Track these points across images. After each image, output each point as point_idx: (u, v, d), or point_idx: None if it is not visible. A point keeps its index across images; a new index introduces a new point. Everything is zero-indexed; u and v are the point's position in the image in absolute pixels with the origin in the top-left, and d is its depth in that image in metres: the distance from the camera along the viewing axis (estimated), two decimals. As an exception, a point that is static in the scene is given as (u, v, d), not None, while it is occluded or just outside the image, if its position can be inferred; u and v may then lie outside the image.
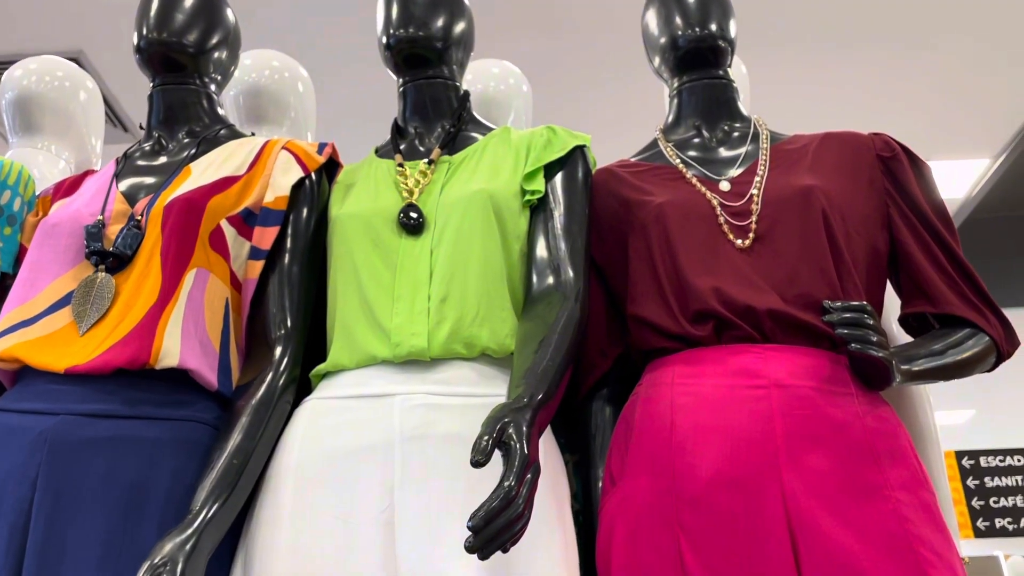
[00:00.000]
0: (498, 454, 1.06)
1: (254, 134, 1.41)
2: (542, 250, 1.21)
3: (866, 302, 1.08)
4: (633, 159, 1.38)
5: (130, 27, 3.41)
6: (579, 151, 1.30)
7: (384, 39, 1.33)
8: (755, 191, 1.22)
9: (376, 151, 1.38)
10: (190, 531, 0.95)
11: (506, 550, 0.86)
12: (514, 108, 1.83)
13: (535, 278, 1.20)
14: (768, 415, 1.05)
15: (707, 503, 1.02)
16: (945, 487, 1.37)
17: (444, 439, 1.06)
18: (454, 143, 1.32)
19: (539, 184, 1.24)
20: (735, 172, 1.27)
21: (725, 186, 1.24)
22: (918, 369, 1.11)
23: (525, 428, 0.90)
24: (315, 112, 1.82)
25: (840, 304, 1.07)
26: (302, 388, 1.20)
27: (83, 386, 1.08)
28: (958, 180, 4.84)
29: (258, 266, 1.22)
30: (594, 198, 1.31)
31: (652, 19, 1.39)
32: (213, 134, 1.34)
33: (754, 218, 1.19)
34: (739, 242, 1.18)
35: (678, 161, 1.30)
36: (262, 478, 1.10)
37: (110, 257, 1.16)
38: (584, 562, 1.13)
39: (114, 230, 1.19)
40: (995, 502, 8.27)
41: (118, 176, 1.29)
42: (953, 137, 4.44)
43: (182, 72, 1.35)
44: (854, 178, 1.24)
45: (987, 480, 8.34)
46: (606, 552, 1.07)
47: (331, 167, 1.36)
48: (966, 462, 8.38)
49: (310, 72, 1.85)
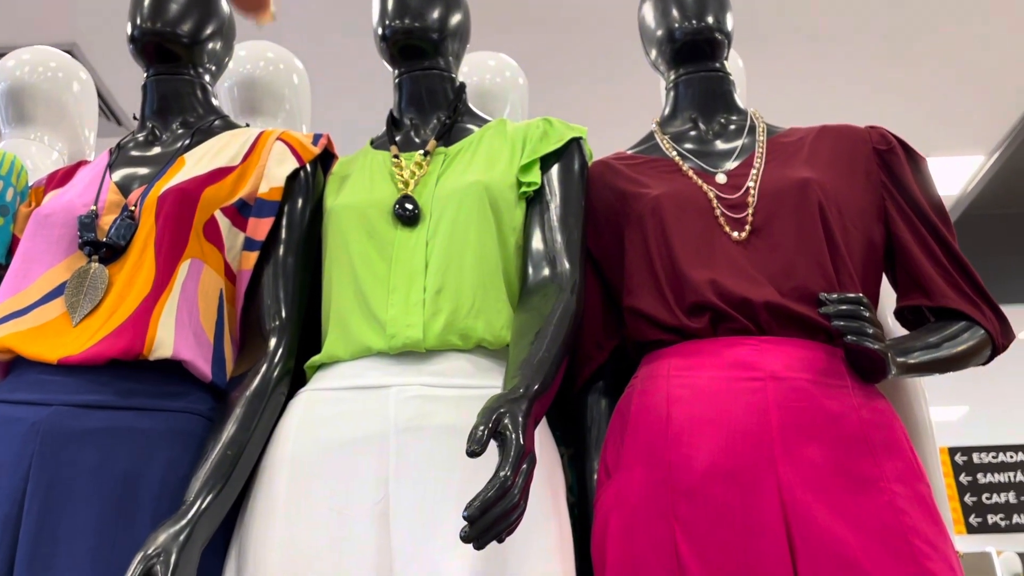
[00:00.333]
0: (494, 444, 1.06)
1: (248, 125, 1.40)
2: (538, 242, 1.21)
3: (862, 294, 1.08)
4: (629, 151, 1.37)
5: (124, 21, 3.40)
6: (575, 143, 1.29)
7: (380, 30, 1.33)
8: (751, 184, 1.22)
9: (371, 142, 1.37)
10: (184, 522, 0.95)
11: (501, 540, 0.85)
12: (510, 101, 1.83)
13: (531, 270, 1.19)
14: (764, 407, 1.05)
15: (702, 495, 1.02)
16: (940, 481, 1.37)
17: (439, 430, 1.06)
18: (450, 135, 1.32)
19: (535, 176, 1.24)
20: (731, 165, 1.26)
21: (721, 178, 1.24)
22: (914, 362, 1.11)
23: (521, 418, 0.90)
24: (310, 104, 1.81)
25: (836, 296, 1.07)
26: (297, 380, 1.19)
27: (76, 377, 1.08)
28: (953, 177, 4.85)
29: (252, 257, 1.22)
30: (590, 190, 1.31)
31: (649, 12, 1.39)
32: (207, 125, 1.34)
33: (750, 211, 1.19)
34: (735, 234, 1.18)
35: (674, 153, 1.30)
36: (256, 470, 1.10)
37: (103, 247, 1.15)
38: (579, 554, 1.13)
39: (107, 220, 1.19)
40: (987, 498, 8.31)
41: (112, 166, 1.28)
42: (948, 133, 4.44)
43: (176, 62, 1.34)
44: (850, 171, 1.24)
45: (980, 476, 8.38)
46: (601, 544, 1.07)
47: (326, 158, 1.35)
48: (959, 458, 8.41)
49: (304, 63, 1.84)
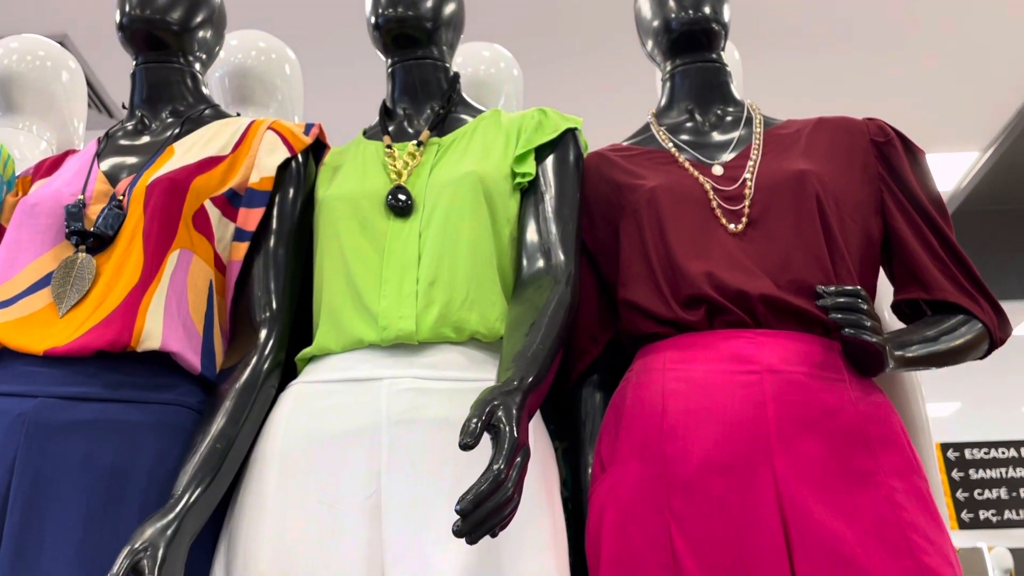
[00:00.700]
0: (487, 437, 1.05)
1: (239, 115, 1.38)
2: (532, 233, 1.19)
3: (859, 287, 1.07)
4: (625, 143, 1.36)
5: (114, 12, 3.37)
6: (570, 134, 1.28)
7: (373, 19, 1.31)
8: (748, 175, 1.20)
9: (364, 132, 1.35)
10: (172, 516, 0.93)
11: (495, 534, 0.84)
12: (504, 92, 1.81)
13: (525, 262, 1.18)
14: (760, 400, 1.04)
15: (698, 489, 1.01)
16: (936, 476, 1.36)
17: (432, 423, 1.04)
18: (443, 125, 1.30)
19: (530, 167, 1.23)
20: (728, 156, 1.25)
21: (718, 170, 1.23)
22: (911, 355, 1.10)
23: (515, 411, 0.89)
24: (302, 94, 1.79)
25: (834, 289, 1.06)
26: (287, 372, 1.18)
27: (63, 368, 1.06)
28: (948, 172, 4.85)
29: (243, 248, 1.20)
30: (585, 182, 1.29)
31: (645, 2, 1.38)
32: (197, 114, 1.32)
33: (747, 202, 1.18)
34: (732, 227, 1.16)
35: (671, 145, 1.29)
36: (246, 463, 1.08)
37: (91, 237, 1.14)
38: (573, 549, 1.12)
39: (95, 210, 1.17)
40: (979, 494, 8.34)
41: (100, 156, 1.26)
42: (943, 129, 4.44)
43: (166, 50, 1.32)
44: (848, 163, 1.23)
45: (971, 472, 8.41)
46: (596, 538, 1.06)
47: (318, 148, 1.34)
48: (951, 454, 8.44)
49: (297, 54, 1.82)
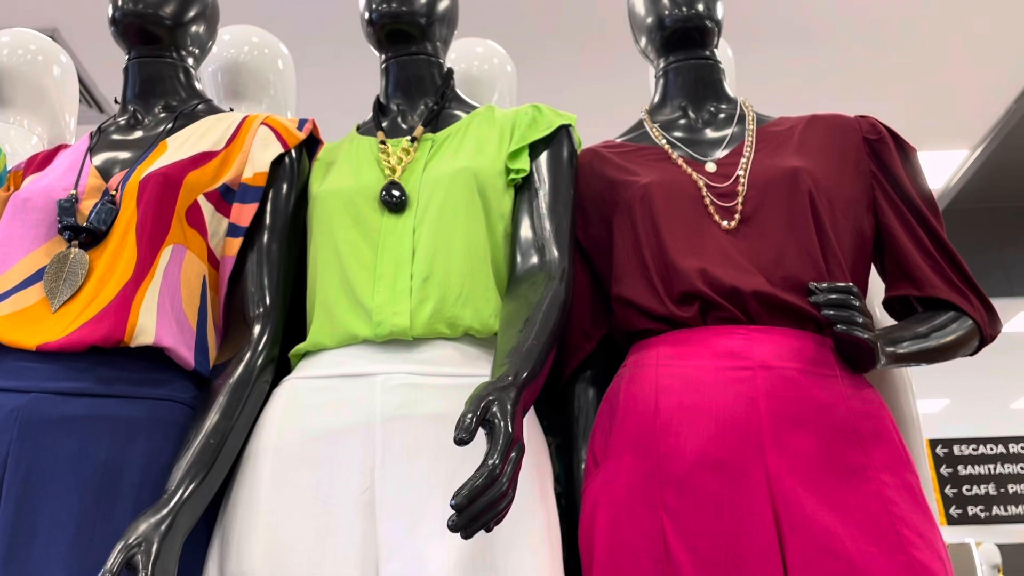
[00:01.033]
0: (481, 432, 1.05)
1: (232, 110, 1.37)
2: (526, 230, 1.20)
3: (851, 284, 1.07)
4: (619, 140, 1.36)
5: (106, 6, 3.35)
6: (564, 130, 1.28)
7: (367, 14, 1.31)
8: (741, 172, 1.21)
9: (358, 128, 1.35)
10: (165, 511, 0.93)
11: (489, 529, 0.84)
12: (498, 88, 1.81)
13: (519, 258, 1.18)
14: (753, 396, 1.04)
15: (691, 485, 1.01)
16: (926, 472, 1.37)
17: (426, 419, 1.04)
18: (437, 121, 1.30)
19: (524, 163, 1.23)
20: (721, 153, 1.26)
21: (711, 167, 1.23)
22: (903, 352, 1.11)
23: (509, 406, 0.89)
24: (295, 90, 1.79)
25: (826, 285, 1.06)
26: (281, 368, 1.18)
27: (55, 364, 1.06)
28: (937, 171, 4.88)
29: (236, 243, 1.20)
30: (579, 179, 1.29)
31: (639, -1, 1.38)
32: (190, 109, 1.31)
33: (740, 199, 1.18)
34: (725, 223, 1.17)
35: (664, 142, 1.29)
36: (240, 458, 1.08)
37: (83, 232, 1.13)
38: (566, 544, 1.12)
39: (88, 205, 1.16)
40: (967, 490, 8.39)
41: (92, 150, 1.26)
42: (932, 128, 4.46)
43: (158, 45, 1.32)
44: (840, 160, 1.23)
45: (960, 468, 8.46)
46: (589, 534, 1.06)
47: (311, 144, 1.33)
48: (940, 450, 8.49)
49: (290, 49, 1.82)
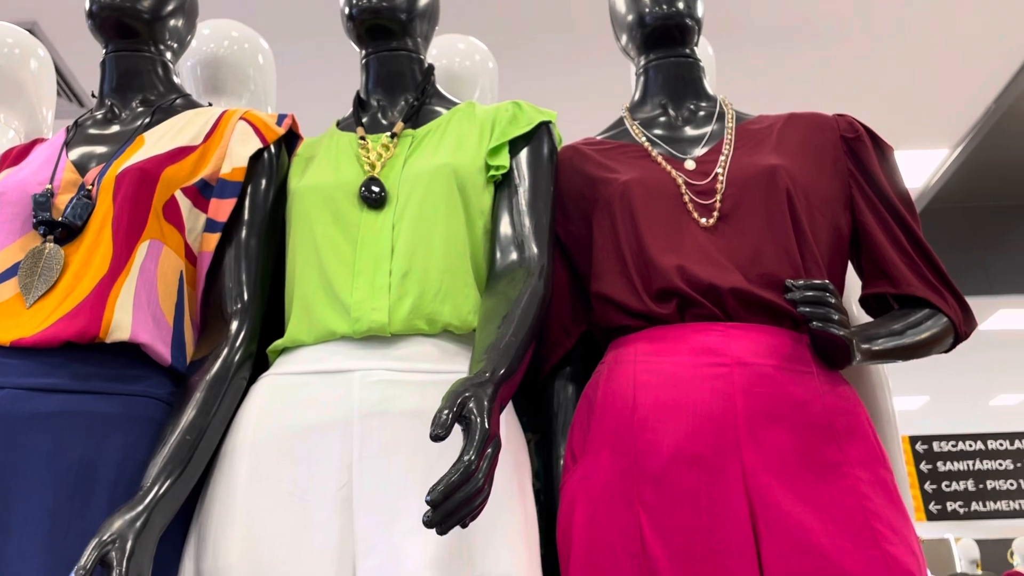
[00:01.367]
0: (458, 428, 1.05)
1: (211, 104, 1.37)
2: (506, 226, 1.20)
3: (828, 281, 1.08)
4: (599, 137, 1.36)
5: (86, -2, 3.31)
6: (545, 127, 1.28)
7: (347, 9, 1.30)
8: (720, 170, 1.21)
9: (338, 124, 1.35)
10: (141, 508, 0.93)
11: (465, 525, 0.84)
12: (480, 85, 1.81)
13: (499, 254, 1.18)
14: (729, 393, 1.05)
15: (668, 481, 1.02)
16: (902, 468, 1.38)
17: (404, 415, 1.04)
18: (417, 117, 1.30)
19: (504, 159, 1.23)
20: (700, 151, 1.26)
21: (690, 165, 1.24)
22: (878, 348, 1.11)
23: (486, 402, 0.89)
24: (275, 85, 1.78)
25: (803, 283, 1.07)
26: (259, 364, 1.17)
27: (30, 360, 1.05)
28: (917, 170, 4.92)
29: (214, 239, 1.19)
30: (559, 176, 1.30)
31: (619, -3, 1.38)
32: (168, 103, 1.30)
33: (719, 197, 1.19)
34: (703, 221, 1.17)
35: (644, 139, 1.29)
36: (216, 455, 1.08)
37: (59, 227, 1.12)
38: (545, 540, 1.12)
39: (63, 200, 1.15)
40: (947, 486, 8.48)
41: (68, 144, 1.25)
42: (913, 127, 4.50)
43: (136, 39, 1.31)
44: (818, 159, 1.24)
45: (939, 465, 8.54)
46: (567, 530, 1.07)
47: (291, 139, 1.33)
48: (919, 447, 8.57)
49: (270, 44, 1.81)
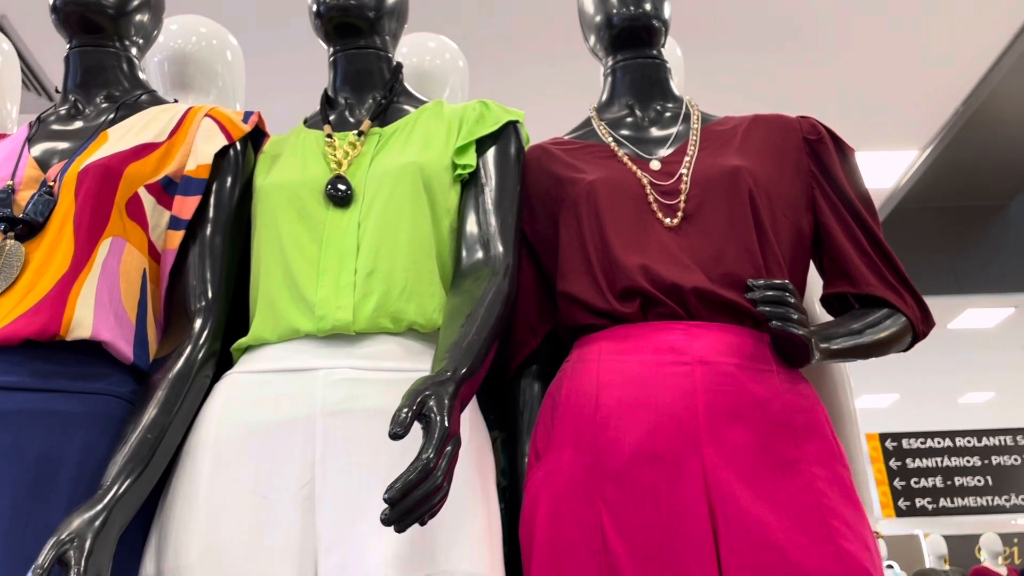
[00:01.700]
0: (418, 427, 1.05)
1: (177, 101, 1.36)
2: (472, 225, 1.20)
3: (788, 281, 1.10)
4: (566, 136, 1.37)
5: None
6: (512, 127, 1.29)
7: (315, 7, 1.30)
8: (684, 171, 1.23)
9: (305, 121, 1.35)
10: (100, 507, 0.92)
11: (424, 523, 0.85)
12: (450, 84, 1.81)
13: (464, 253, 1.19)
14: (691, 391, 1.06)
15: (629, 478, 1.03)
16: (862, 466, 1.40)
17: (367, 414, 1.04)
18: (385, 115, 1.30)
19: (470, 158, 1.23)
20: (666, 152, 1.27)
21: (656, 165, 1.25)
22: (836, 347, 1.13)
23: (447, 401, 0.89)
24: (244, 82, 1.77)
25: (763, 282, 1.09)
26: (223, 362, 1.17)
27: None
28: (887, 171, 4.98)
29: (178, 236, 1.18)
30: (526, 175, 1.30)
31: (588, -3, 1.39)
32: (133, 99, 1.30)
33: (683, 197, 1.20)
34: (668, 221, 1.19)
35: (610, 139, 1.30)
36: (178, 453, 1.07)
37: (20, 224, 1.11)
38: (511, 537, 1.13)
39: (25, 196, 1.14)
40: (916, 483, 8.60)
41: (31, 140, 1.24)
42: (882, 128, 4.55)
43: (101, 34, 1.30)
44: (781, 160, 1.26)
45: (909, 461, 8.66)
46: (529, 526, 1.07)
47: (257, 136, 1.32)
48: (889, 444, 8.68)
49: (239, 40, 1.79)
